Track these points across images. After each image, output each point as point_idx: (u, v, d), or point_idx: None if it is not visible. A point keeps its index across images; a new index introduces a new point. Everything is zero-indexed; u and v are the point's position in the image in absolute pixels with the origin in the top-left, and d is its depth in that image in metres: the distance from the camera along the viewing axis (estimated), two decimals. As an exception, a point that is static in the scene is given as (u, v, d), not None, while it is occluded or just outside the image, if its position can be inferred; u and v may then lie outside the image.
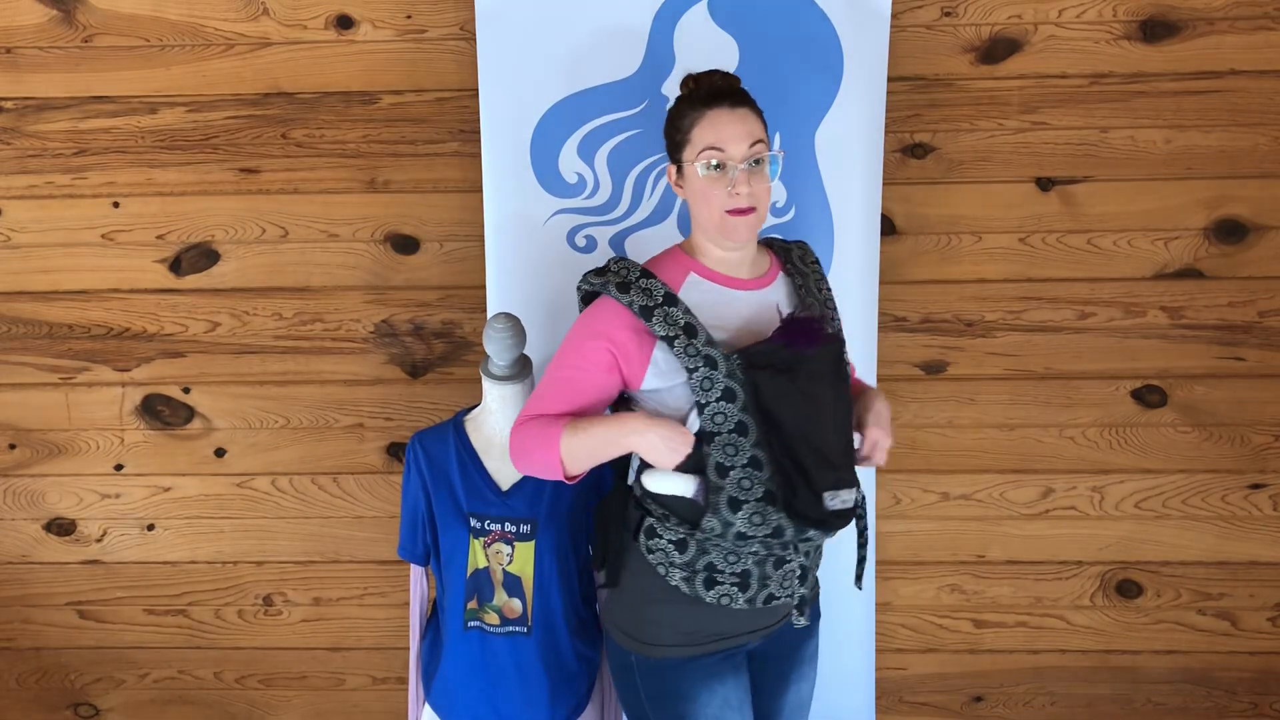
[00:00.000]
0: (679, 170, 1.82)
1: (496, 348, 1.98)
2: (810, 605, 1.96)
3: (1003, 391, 2.54)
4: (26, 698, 2.82)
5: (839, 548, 2.16)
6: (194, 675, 2.78)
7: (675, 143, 1.82)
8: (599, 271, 1.86)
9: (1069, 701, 2.73)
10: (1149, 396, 2.54)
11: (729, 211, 1.77)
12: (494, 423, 2.03)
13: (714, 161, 1.76)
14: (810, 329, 1.78)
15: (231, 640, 2.75)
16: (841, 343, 1.83)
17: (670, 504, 1.83)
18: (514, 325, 1.98)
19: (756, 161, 1.77)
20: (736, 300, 1.84)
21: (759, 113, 1.81)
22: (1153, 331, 2.50)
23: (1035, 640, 2.69)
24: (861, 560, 1.99)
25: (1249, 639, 2.67)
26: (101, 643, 2.77)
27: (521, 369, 2.01)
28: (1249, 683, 2.71)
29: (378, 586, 2.70)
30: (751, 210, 1.77)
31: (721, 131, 1.76)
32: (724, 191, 1.76)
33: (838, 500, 1.75)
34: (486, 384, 2.01)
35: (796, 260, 1.92)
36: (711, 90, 1.80)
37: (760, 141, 1.78)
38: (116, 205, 2.50)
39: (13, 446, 2.65)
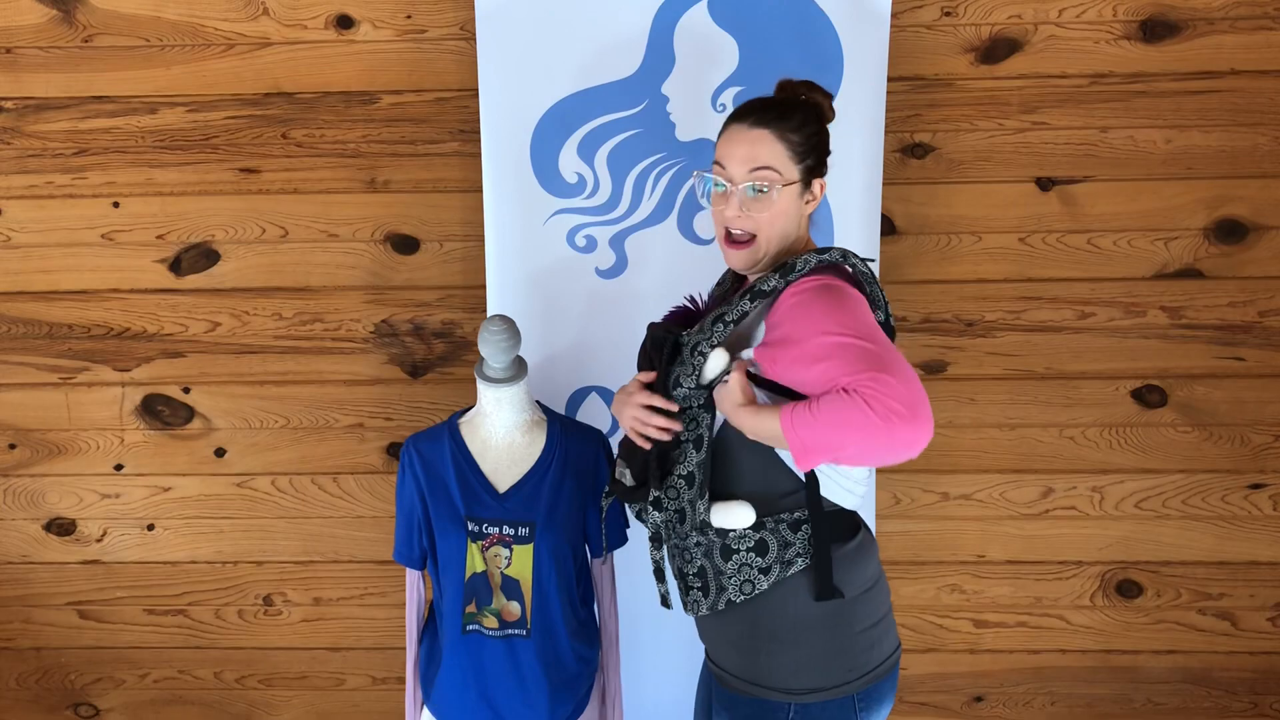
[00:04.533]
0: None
1: (492, 350, 1.97)
2: (694, 604, 1.81)
3: (1003, 391, 2.54)
4: (26, 698, 2.82)
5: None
6: (194, 675, 2.78)
7: None
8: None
9: (1069, 701, 2.73)
10: (1149, 396, 2.54)
11: (725, 237, 1.73)
12: (489, 425, 2.02)
13: (719, 181, 1.72)
14: (674, 314, 1.82)
15: (231, 640, 2.75)
16: (666, 336, 1.75)
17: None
18: (509, 327, 1.97)
19: (761, 189, 1.69)
20: None
21: (791, 137, 1.69)
22: (1153, 331, 2.50)
23: (1035, 640, 2.69)
24: (657, 576, 1.89)
25: (1249, 639, 2.67)
26: (101, 643, 2.77)
27: (517, 371, 2.00)
28: (1249, 683, 2.71)
29: (377, 586, 2.70)
30: (747, 243, 1.71)
31: (728, 148, 1.71)
32: (721, 212, 1.72)
33: (618, 470, 1.85)
34: (481, 386, 2.00)
35: (755, 283, 1.72)
36: (749, 103, 1.73)
37: (766, 169, 1.67)
38: (116, 205, 2.50)
39: (13, 446, 2.65)
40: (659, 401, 1.72)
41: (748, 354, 1.69)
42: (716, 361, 1.69)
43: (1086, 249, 2.45)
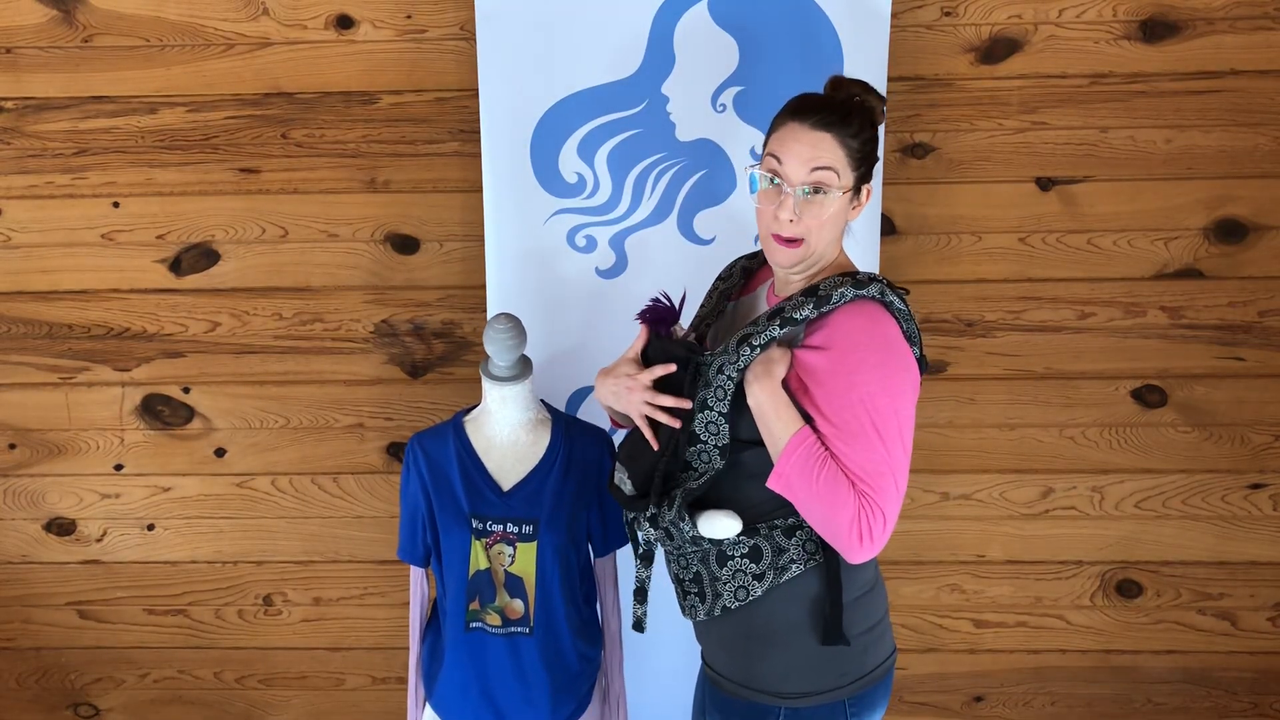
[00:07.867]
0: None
1: (497, 348, 1.97)
2: (700, 613, 1.80)
3: (1003, 391, 2.54)
4: (26, 698, 2.82)
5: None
6: (194, 675, 2.78)
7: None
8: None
9: (1069, 701, 2.73)
10: (1149, 396, 2.54)
11: (774, 236, 1.68)
12: (494, 423, 2.02)
13: (772, 177, 1.67)
14: (650, 312, 1.78)
15: (231, 640, 2.75)
16: (688, 358, 1.71)
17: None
18: (515, 326, 1.98)
19: (817, 190, 1.65)
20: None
21: (851, 143, 1.65)
22: (1153, 331, 2.50)
23: (1035, 640, 2.69)
24: (637, 597, 1.90)
25: (1249, 639, 2.67)
26: (101, 643, 2.77)
27: (522, 369, 2.01)
28: (1249, 683, 2.71)
29: (378, 586, 2.70)
30: (798, 243, 1.67)
31: (787, 145, 1.66)
32: (772, 211, 1.67)
33: (617, 475, 1.83)
34: (486, 384, 2.01)
35: (786, 308, 1.68)
36: (808, 101, 1.69)
37: (828, 169, 1.64)
38: (116, 205, 2.50)
39: (13, 446, 2.65)
40: (670, 401, 1.70)
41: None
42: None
43: (1086, 249, 2.46)
